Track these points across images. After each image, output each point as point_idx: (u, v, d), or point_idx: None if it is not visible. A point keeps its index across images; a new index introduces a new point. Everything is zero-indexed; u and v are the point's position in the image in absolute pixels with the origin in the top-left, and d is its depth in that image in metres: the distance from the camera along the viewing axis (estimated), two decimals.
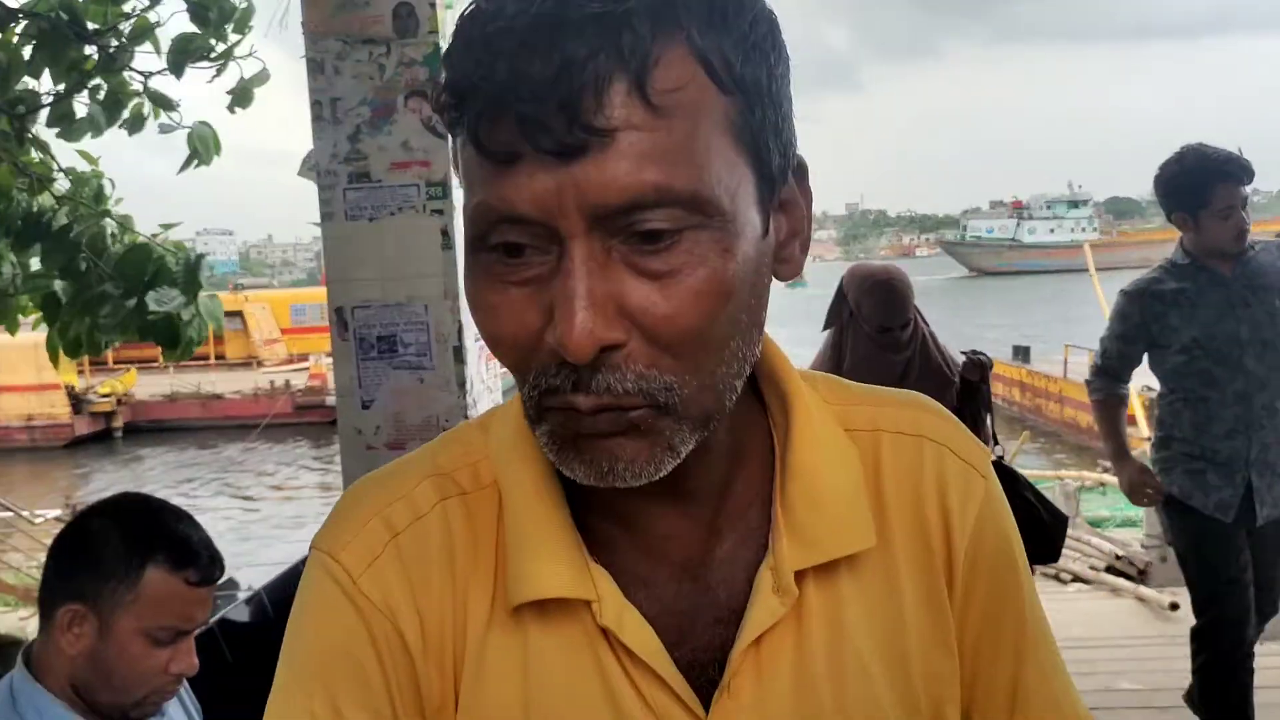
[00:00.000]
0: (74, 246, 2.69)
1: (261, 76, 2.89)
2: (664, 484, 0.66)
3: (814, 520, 0.72)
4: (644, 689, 0.70)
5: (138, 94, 2.94)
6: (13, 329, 3.02)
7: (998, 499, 0.80)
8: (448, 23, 2.96)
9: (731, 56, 0.61)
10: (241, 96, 2.89)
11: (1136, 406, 10.45)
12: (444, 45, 3.13)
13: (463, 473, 0.75)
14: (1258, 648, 3.38)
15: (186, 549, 1.56)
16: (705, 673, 0.72)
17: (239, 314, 33.03)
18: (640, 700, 0.70)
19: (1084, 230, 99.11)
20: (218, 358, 32.26)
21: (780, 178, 0.66)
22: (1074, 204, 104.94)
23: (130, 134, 2.97)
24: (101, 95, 2.88)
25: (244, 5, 2.77)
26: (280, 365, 31.54)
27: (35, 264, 2.89)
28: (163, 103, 2.93)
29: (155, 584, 1.52)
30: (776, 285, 0.72)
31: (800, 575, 0.72)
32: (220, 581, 1.62)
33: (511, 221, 0.60)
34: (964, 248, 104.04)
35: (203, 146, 2.87)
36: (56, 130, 2.90)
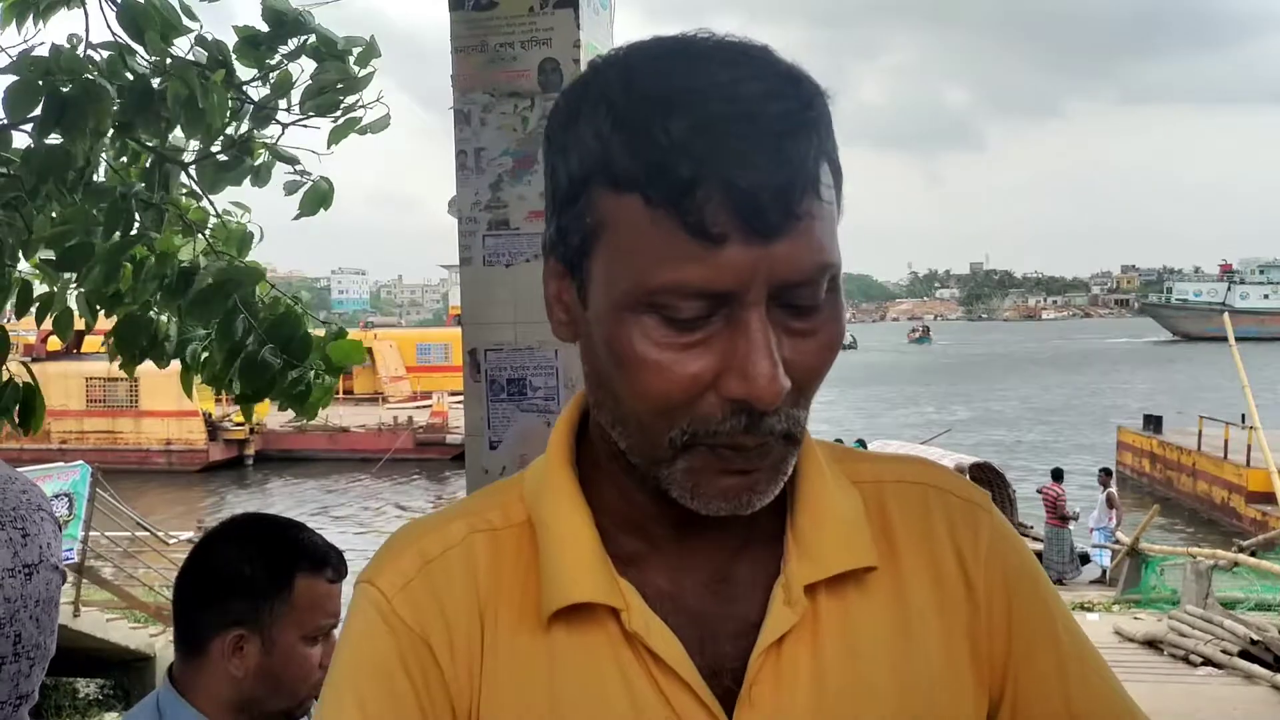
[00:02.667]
0: (226, 303, 2.78)
1: (382, 122, 2.98)
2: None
3: (818, 539, 0.80)
4: (668, 692, 0.76)
5: (263, 147, 3.06)
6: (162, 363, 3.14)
7: (1004, 529, 0.86)
8: None
9: (838, 161, 0.72)
10: (338, 133, 2.94)
11: (1276, 483, 9.96)
12: None
13: (494, 513, 0.84)
14: None
15: (319, 552, 1.65)
16: (724, 681, 0.77)
17: (368, 351, 34.04)
18: (664, 702, 0.76)
19: None
20: (345, 392, 33.23)
21: None
22: None
23: (255, 186, 3.10)
24: (234, 148, 2.98)
25: (368, 41, 2.87)
26: (404, 402, 32.35)
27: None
28: (285, 158, 3.03)
29: (305, 591, 1.61)
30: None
31: (812, 591, 0.79)
32: None
33: (701, 295, 0.67)
34: (1168, 311, 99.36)
35: (316, 200, 2.97)
36: (210, 181, 3.04)
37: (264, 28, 2.80)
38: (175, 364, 3.04)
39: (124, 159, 2.95)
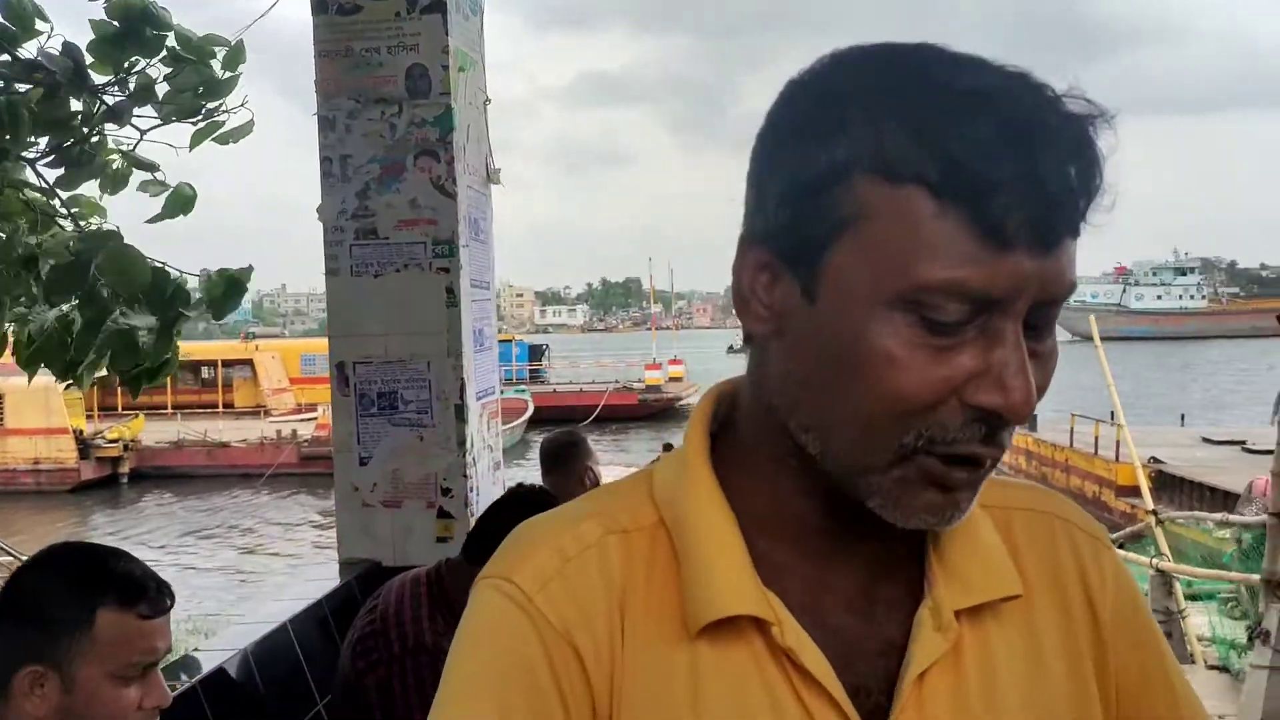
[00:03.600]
0: (84, 270, 2.62)
1: (245, 129, 2.87)
2: (857, 522, 0.75)
3: (968, 565, 0.79)
4: (814, 710, 0.74)
5: (115, 153, 2.92)
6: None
7: (1124, 567, 0.87)
8: (460, 84, 3.00)
9: None
10: (199, 137, 2.83)
11: (1141, 478, 10.39)
12: (455, 107, 3.17)
13: (623, 514, 0.81)
14: None
15: (132, 584, 1.55)
16: (868, 701, 0.76)
17: (249, 362, 33.12)
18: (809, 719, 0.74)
19: (1192, 298, 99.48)
20: (226, 406, 32.29)
21: None
22: (1181, 271, 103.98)
23: (109, 194, 2.96)
24: (82, 151, 2.83)
25: (232, 43, 2.76)
26: (288, 415, 31.52)
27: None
28: (141, 165, 2.90)
29: (109, 626, 1.51)
30: None
31: (955, 617, 0.78)
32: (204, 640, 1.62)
33: (973, 299, 0.66)
34: (1068, 312, 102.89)
35: (177, 204, 2.85)
36: (56, 177, 2.89)
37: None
38: (40, 379, 2.88)
39: None
